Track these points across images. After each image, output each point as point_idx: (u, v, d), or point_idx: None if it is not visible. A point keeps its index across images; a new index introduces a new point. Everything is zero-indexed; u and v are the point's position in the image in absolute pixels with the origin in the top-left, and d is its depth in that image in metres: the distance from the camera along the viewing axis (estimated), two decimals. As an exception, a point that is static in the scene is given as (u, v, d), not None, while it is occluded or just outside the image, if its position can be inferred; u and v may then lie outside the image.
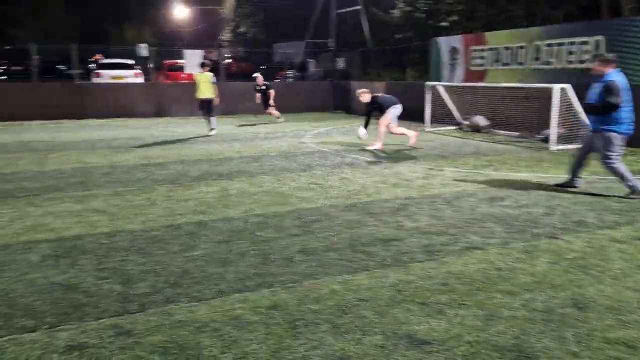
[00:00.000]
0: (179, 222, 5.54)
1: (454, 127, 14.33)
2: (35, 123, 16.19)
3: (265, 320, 3.36)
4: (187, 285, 3.91)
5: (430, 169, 8.61)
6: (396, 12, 19.75)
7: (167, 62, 23.88)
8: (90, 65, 22.93)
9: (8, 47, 26.84)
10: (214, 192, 6.92)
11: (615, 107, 6.33)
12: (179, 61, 21.75)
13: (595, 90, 6.60)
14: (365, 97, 10.88)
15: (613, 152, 6.48)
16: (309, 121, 17.15)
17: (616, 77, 6.46)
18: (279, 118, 16.51)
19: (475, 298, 3.68)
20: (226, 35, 45.44)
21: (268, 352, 3.00)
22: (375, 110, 10.86)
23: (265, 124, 16.32)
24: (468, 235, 5.07)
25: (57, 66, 25.93)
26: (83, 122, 16.68)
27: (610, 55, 6.76)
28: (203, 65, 13.39)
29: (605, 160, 6.56)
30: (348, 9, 21.13)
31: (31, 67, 18.47)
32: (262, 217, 5.76)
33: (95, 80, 19.96)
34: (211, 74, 13.19)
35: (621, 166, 6.56)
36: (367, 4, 21.69)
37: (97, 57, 24.81)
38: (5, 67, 26.29)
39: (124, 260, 4.41)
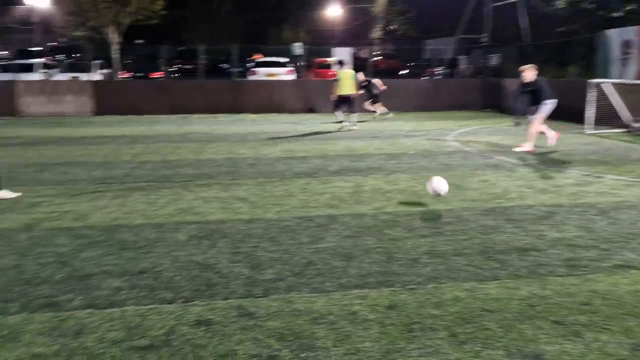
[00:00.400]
0: (310, 214, 5.69)
1: (620, 130, 12.77)
2: (196, 116, 17.84)
3: (381, 319, 3.31)
4: (310, 276, 4.00)
5: (586, 175, 7.77)
6: (560, 3, 18.12)
7: (317, 60, 24.74)
8: (248, 64, 24.63)
9: (181, 48, 29.92)
10: (348, 187, 7.00)
11: None
12: (327, 59, 22.39)
13: None
14: (529, 74, 9.68)
15: None
16: (454, 119, 16.55)
17: None
18: (386, 114, 16.42)
19: (622, 323, 3.23)
20: (377, 33, 45.72)
21: (380, 351, 2.94)
22: (530, 94, 9.77)
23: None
24: (623, 252, 4.48)
25: (219, 65, 28.27)
26: (238, 116, 17.99)
27: None
28: (341, 63, 13.85)
29: None
30: (505, 1, 19.92)
31: (198, 65, 20.44)
32: (392, 214, 5.68)
33: (251, 78, 21.39)
34: (353, 71, 13.52)
35: None
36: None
37: (257, 56, 26.56)
38: (179, 66, 29.38)
39: (256, 247, 4.66)
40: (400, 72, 31.07)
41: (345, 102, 13.71)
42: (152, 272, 4.08)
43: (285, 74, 21.35)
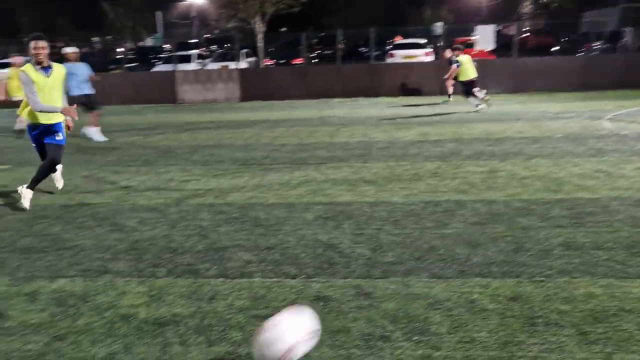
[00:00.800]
0: (438, 199, 5.58)
1: None
2: (335, 100, 18.24)
3: (502, 310, 3.17)
4: (430, 261, 3.95)
5: None
6: None
7: (458, 39, 23.76)
8: (387, 47, 24.51)
9: (321, 34, 30.71)
10: (481, 173, 6.71)
11: None
12: (471, 37, 21.40)
13: None
14: None
15: None
16: (613, 99, 14.87)
17: None
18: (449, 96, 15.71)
19: None
20: (527, 7, 42.55)
21: (497, 342, 2.83)
22: None
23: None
24: None
25: (358, 49, 28.51)
26: (375, 99, 18.05)
27: None
28: (455, 49, 13.63)
29: None
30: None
31: (336, 50, 20.86)
32: (527, 202, 5.34)
33: (389, 60, 21.28)
34: (468, 56, 13.58)
35: None
36: None
37: (397, 38, 26.31)
38: (320, 51, 30.24)
39: (379, 229, 4.70)
40: (552, 49, 28.66)
41: (471, 86, 13.45)
42: (279, 248, 4.33)
43: (423, 56, 20.88)
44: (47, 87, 5.65)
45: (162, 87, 19.43)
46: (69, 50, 10.50)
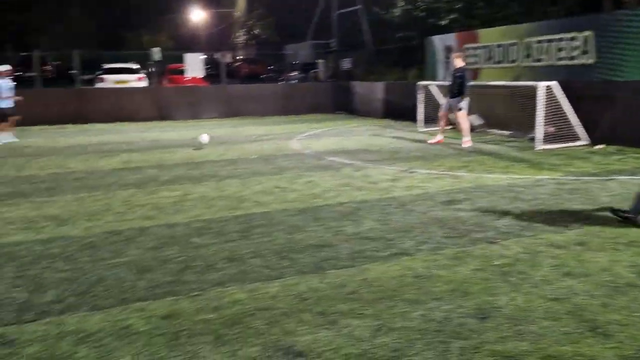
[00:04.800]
0: (122, 228, 5.53)
1: (448, 127, 14.05)
2: (36, 127, 16.46)
3: (151, 330, 3.31)
4: (93, 294, 3.88)
5: (403, 170, 8.46)
6: (396, 11, 19.56)
7: (171, 66, 24.12)
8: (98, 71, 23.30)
9: (22, 54, 27.48)
10: (173, 197, 6.92)
11: None
12: (180, 65, 21.92)
13: None
14: (459, 61, 10.82)
15: None
16: (307, 122, 17.09)
17: None
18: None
19: (376, 307, 3.56)
20: (240, 38, 45.73)
21: (140, 363, 2.95)
22: (456, 84, 10.69)
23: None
24: (404, 240, 4.94)
25: (69, 71, 26.38)
26: (84, 126, 16.91)
27: None
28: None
29: None
30: (348, 9, 20.99)
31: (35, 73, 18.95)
32: (207, 221, 5.72)
33: (99, 85, 20.28)
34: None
35: None
36: (368, 4, 21.50)
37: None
38: (20, 73, 26.92)
39: (46, 268, 4.41)
40: (262, 76, 31.42)
41: None
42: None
43: (136, 81, 20.50)
44: None
45: None
46: None
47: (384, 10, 20.42)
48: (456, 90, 10.97)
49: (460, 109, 11.00)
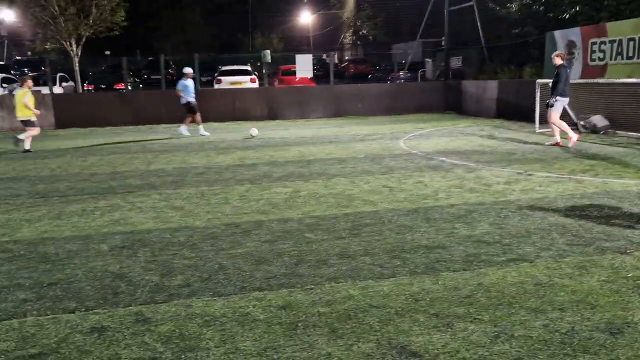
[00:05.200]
0: (239, 221, 5.83)
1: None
2: (161, 126, 17.85)
3: (269, 319, 3.46)
4: (216, 281, 4.15)
5: (519, 173, 8.05)
6: (513, 6, 18.59)
7: (283, 67, 24.95)
8: (216, 73, 24.74)
9: (150, 59, 29.88)
10: (285, 193, 7.16)
11: None
12: (292, 66, 22.59)
13: None
14: (557, 59, 10.38)
15: None
16: (413, 122, 16.86)
17: None
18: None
19: (494, 313, 3.43)
20: (347, 38, 46.15)
21: (258, 349, 3.09)
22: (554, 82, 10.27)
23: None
24: (522, 246, 4.71)
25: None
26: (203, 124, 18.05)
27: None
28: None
29: None
30: (460, 6, 20.36)
31: (162, 75, 20.54)
32: (317, 218, 5.86)
33: (217, 86, 21.52)
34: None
35: None
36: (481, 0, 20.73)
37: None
38: (146, 76, 29.31)
39: (174, 255, 4.78)
40: (369, 76, 31.49)
41: None
42: (63, 283, 4.18)
43: (249, 82, 21.52)
44: None
45: (-43, 115, 17.21)
46: None
47: (499, 5, 19.54)
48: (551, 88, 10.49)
49: (550, 106, 10.37)
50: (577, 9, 15.61)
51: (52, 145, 13.46)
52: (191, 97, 14.74)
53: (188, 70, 14.96)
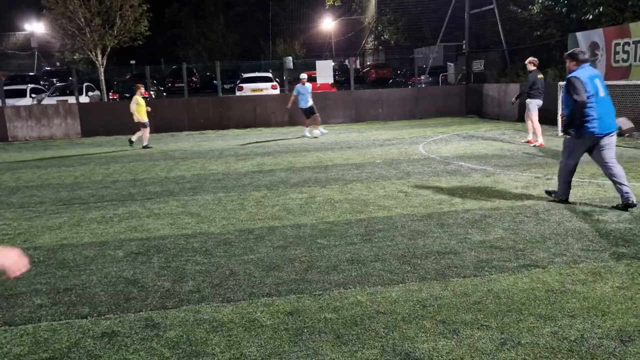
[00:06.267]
0: (253, 227, 5.88)
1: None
2: (183, 133, 18.13)
3: (276, 325, 3.48)
4: (226, 287, 4.19)
5: (538, 177, 7.93)
6: (535, 8, 18.32)
7: (305, 72, 25.03)
8: (238, 81, 25.00)
9: (173, 67, 30.33)
10: (300, 199, 7.19)
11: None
12: (313, 72, 22.67)
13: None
14: (530, 65, 11.29)
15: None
16: (433, 126, 16.74)
17: (577, 73, 5.86)
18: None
19: (502, 320, 3.39)
20: (370, 43, 46.14)
21: (263, 354, 3.12)
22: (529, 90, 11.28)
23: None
24: (536, 251, 4.64)
25: (213, 81, 28.74)
26: (223, 132, 18.27)
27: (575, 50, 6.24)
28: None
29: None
30: (481, 9, 20.16)
31: (191, 83, 20.88)
32: (331, 224, 5.87)
33: (238, 93, 21.75)
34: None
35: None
36: (502, 2, 20.46)
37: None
38: (170, 85, 29.77)
39: (187, 260, 4.85)
40: (390, 81, 31.41)
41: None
42: (78, 288, 4.28)
43: (270, 89, 21.69)
44: None
45: (-12, 124, 17.77)
46: None
47: (520, 7, 19.28)
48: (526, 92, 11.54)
49: (529, 110, 11.42)
50: (601, 9, 15.30)
51: (77, 153, 13.77)
52: (307, 102, 15.05)
53: (303, 75, 15.54)
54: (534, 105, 11.30)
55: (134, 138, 14.54)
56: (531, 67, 11.26)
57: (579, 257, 4.46)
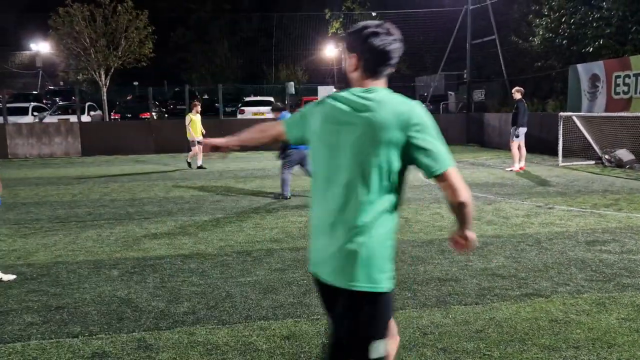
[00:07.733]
0: (251, 249, 5.80)
1: (592, 162, 12.90)
2: (184, 154, 18.11)
3: (272, 349, 3.39)
4: (222, 309, 4.09)
5: (539, 206, 7.88)
6: (536, 40, 18.55)
7: (306, 98, 25.25)
8: (240, 104, 25.17)
9: (176, 89, 30.62)
10: (301, 222, 7.11)
11: None
12: (315, 98, 22.83)
13: None
14: (517, 94, 11.64)
15: None
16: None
17: None
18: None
19: (504, 349, 3.29)
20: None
21: (260, 380, 3.02)
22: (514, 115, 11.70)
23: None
24: (538, 280, 4.55)
25: (216, 104, 28.92)
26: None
27: None
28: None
29: None
30: (482, 39, 20.43)
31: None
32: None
33: (240, 116, 21.85)
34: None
35: None
36: (505, 33, 20.73)
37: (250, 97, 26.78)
38: (172, 106, 29.91)
39: (184, 281, 4.76)
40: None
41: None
42: (70, 307, 4.18)
43: (271, 113, 21.78)
44: None
45: (-12, 141, 17.80)
46: None
47: (521, 38, 19.52)
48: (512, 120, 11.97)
49: (515, 137, 11.81)
50: (601, 42, 15.48)
51: (77, 172, 13.73)
52: None
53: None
54: (523, 132, 11.75)
55: (189, 159, 14.18)
56: (518, 96, 11.68)
57: (582, 287, 4.37)
